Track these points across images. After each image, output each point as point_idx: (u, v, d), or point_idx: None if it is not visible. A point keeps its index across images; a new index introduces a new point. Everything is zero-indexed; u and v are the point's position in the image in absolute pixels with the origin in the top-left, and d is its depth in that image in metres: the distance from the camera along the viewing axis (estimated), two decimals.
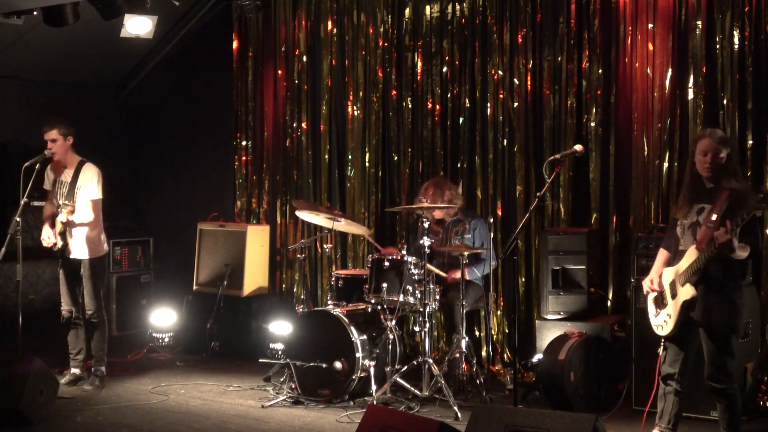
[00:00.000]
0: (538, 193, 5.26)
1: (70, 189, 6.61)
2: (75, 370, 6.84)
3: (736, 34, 6.37)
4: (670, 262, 5.04)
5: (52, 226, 6.64)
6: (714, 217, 4.71)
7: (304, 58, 8.40)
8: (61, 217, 6.47)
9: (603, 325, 6.42)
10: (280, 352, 7.24)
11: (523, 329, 7.12)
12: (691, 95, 6.57)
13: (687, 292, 4.84)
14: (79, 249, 6.63)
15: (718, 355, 4.82)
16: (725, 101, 6.43)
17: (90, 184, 6.62)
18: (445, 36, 7.68)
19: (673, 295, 4.92)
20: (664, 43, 6.68)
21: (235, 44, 8.83)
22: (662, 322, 4.97)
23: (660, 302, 5.01)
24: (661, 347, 5.03)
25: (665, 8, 6.66)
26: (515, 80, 7.32)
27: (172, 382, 7.06)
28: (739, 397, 4.93)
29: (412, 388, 6.27)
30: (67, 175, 6.68)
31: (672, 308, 4.91)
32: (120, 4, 7.14)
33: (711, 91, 6.51)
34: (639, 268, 6.06)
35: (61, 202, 6.58)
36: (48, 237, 6.62)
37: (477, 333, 7.37)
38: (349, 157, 8.15)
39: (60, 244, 6.60)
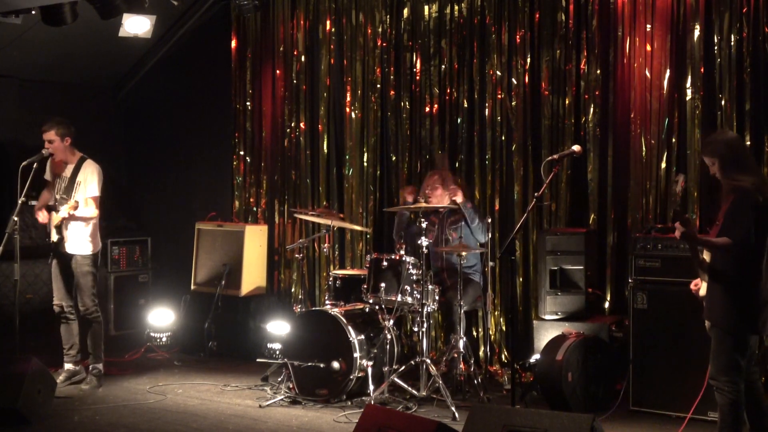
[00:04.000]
0: (536, 194, 5.26)
1: (69, 184, 6.63)
2: (69, 366, 6.85)
3: (734, 35, 6.37)
4: None
5: (48, 211, 6.66)
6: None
7: (303, 58, 8.40)
8: (63, 213, 6.47)
9: (601, 325, 6.42)
10: (277, 352, 7.24)
11: (521, 329, 7.13)
12: (689, 96, 6.58)
13: (702, 288, 4.89)
14: (74, 244, 6.64)
15: (714, 352, 4.76)
16: (723, 102, 6.43)
17: (90, 182, 6.65)
18: (443, 36, 7.68)
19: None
20: (663, 43, 6.68)
21: (233, 44, 8.83)
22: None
23: None
24: None
25: (663, 9, 6.67)
26: (513, 80, 7.32)
27: (169, 381, 7.06)
28: (737, 405, 4.70)
29: (410, 388, 6.27)
30: (67, 171, 6.70)
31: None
32: (118, 3, 7.14)
33: (709, 92, 6.52)
34: (637, 268, 6.07)
35: (58, 197, 6.60)
36: (41, 215, 6.62)
37: (475, 333, 7.37)
38: (347, 156, 8.15)
39: (55, 237, 6.60)
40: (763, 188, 4.72)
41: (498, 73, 7.39)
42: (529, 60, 7.27)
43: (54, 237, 6.63)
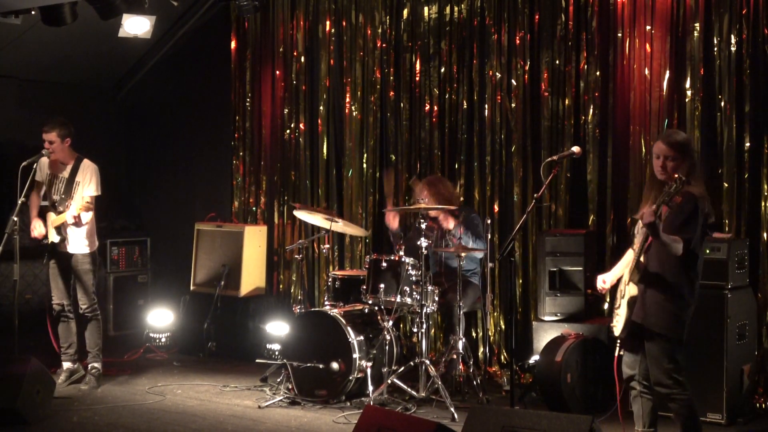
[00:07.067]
0: (535, 195, 5.25)
1: (68, 185, 6.64)
2: (67, 364, 6.85)
3: (733, 36, 6.37)
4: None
5: (41, 217, 6.68)
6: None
7: (302, 59, 8.40)
8: (73, 212, 6.43)
9: (600, 326, 6.42)
10: (277, 353, 7.24)
11: (521, 330, 7.12)
12: (688, 97, 6.58)
13: (631, 290, 4.75)
14: (75, 244, 6.67)
15: (658, 358, 4.66)
16: (723, 103, 6.44)
17: (90, 182, 6.66)
18: (443, 37, 7.68)
19: (623, 295, 4.83)
20: (662, 45, 6.68)
21: (233, 44, 8.83)
22: (615, 322, 4.87)
23: (616, 303, 4.94)
24: (617, 348, 4.94)
25: (663, 10, 6.67)
26: (513, 82, 7.32)
27: (168, 382, 7.05)
28: (692, 405, 4.66)
29: (409, 389, 6.26)
30: (65, 172, 6.71)
31: (622, 308, 4.81)
32: (118, 3, 7.14)
33: (708, 94, 6.52)
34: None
35: (56, 197, 6.61)
36: (37, 227, 6.64)
37: (474, 334, 7.37)
38: (347, 157, 8.15)
39: (56, 238, 6.61)
40: (708, 198, 4.66)
41: (498, 74, 7.39)
42: (528, 61, 7.27)
43: (55, 238, 6.63)
